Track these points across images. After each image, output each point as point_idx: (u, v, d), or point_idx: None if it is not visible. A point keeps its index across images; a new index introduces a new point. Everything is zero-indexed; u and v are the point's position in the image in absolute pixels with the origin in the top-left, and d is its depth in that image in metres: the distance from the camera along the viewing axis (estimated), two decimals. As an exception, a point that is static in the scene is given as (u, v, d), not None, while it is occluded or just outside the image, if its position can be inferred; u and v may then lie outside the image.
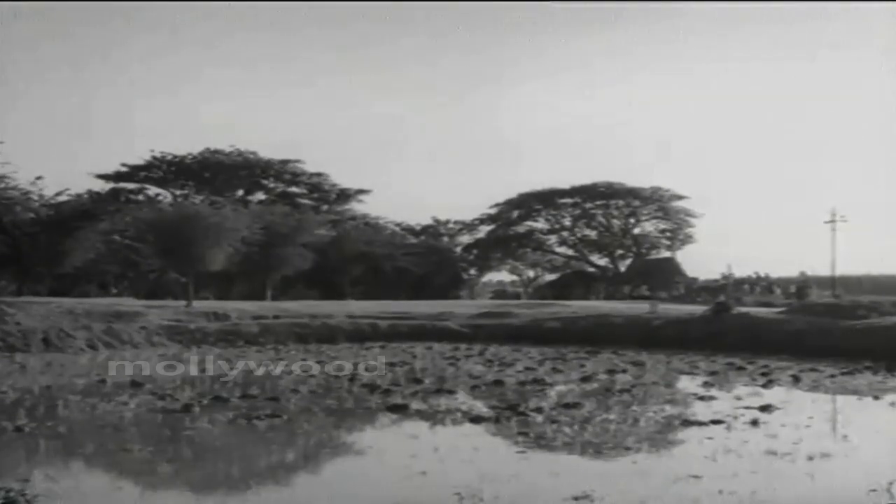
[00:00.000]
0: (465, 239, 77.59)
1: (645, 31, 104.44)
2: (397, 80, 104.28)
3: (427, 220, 75.87)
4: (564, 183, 74.41)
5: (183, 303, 36.30)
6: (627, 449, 11.51)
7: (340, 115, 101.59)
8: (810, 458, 10.69)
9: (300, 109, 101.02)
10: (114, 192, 63.62)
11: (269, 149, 69.79)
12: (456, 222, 76.97)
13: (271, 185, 70.09)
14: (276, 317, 33.42)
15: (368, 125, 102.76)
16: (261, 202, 64.51)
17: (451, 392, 16.90)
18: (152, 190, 66.46)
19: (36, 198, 43.38)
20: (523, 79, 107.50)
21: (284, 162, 69.03)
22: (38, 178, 42.86)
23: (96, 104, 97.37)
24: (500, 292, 73.65)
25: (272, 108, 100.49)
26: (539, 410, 14.39)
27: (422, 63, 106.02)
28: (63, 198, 45.77)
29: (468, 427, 13.22)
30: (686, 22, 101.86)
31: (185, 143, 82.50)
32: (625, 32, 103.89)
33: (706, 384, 18.73)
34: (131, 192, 65.23)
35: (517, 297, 64.11)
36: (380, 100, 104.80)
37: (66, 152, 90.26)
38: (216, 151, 67.31)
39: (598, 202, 75.03)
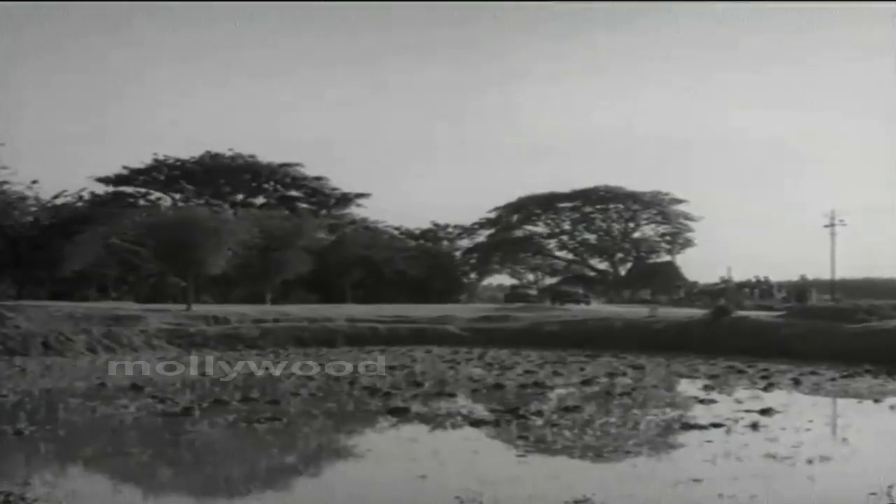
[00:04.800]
0: (465, 243, 77.72)
1: (648, 34, 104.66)
2: (396, 83, 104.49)
3: (426, 224, 76.00)
4: (564, 186, 74.63)
5: (183, 306, 36.27)
6: (627, 452, 11.50)
7: (340, 118, 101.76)
8: (810, 462, 10.68)
9: (300, 112, 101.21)
10: (115, 196, 63.63)
11: (268, 152, 70.08)
12: (455, 226, 77.04)
13: (271, 189, 70.13)
14: (275, 320, 33.40)
15: (368, 129, 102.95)
16: (261, 206, 64.52)
17: (451, 395, 16.90)
18: (154, 194, 66.55)
19: (33, 201, 43.26)
20: (524, 82, 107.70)
21: (285, 166, 69.10)
22: (34, 182, 42.77)
23: (97, 106, 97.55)
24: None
25: (272, 111, 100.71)
26: (539, 414, 14.39)
27: (422, 67, 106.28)
28: (62, 200, 45.59)
29: (468, 430, 13.20)
30: (685, 25, 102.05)
31: (184, 146, 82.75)
32: (628, 35, 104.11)
33: (706, 387, 18.72)
34: (131, 195, 65.25)
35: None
36: (379, 104, 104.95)
37: (66, 155, 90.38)
38: (216, 155, 67.36)
39: (598, 206, 75.16)
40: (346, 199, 71.45)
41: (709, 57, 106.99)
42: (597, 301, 58.74)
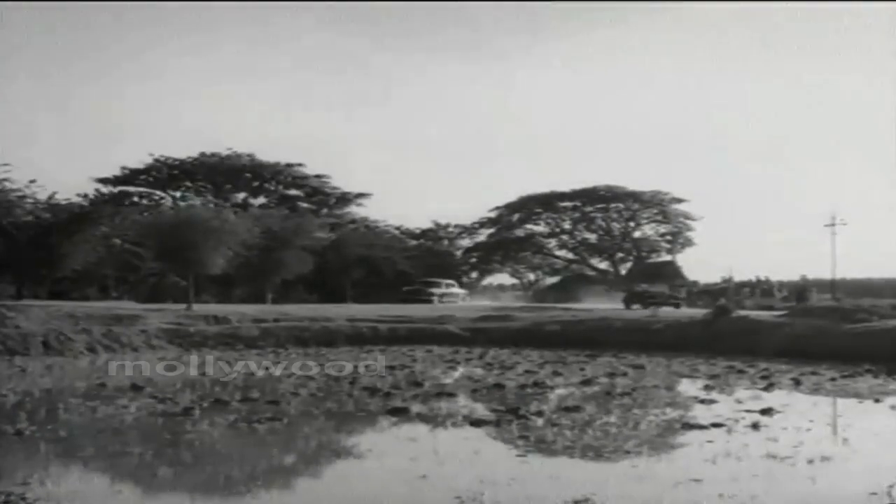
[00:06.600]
0: (466, 242, 77.78)
1: (646, 32, 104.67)
2: (395, 82, 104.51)
3: (427, 224, 76.00)
4: (565, 186, 74.64)
5: (183, 306, 36.25)
6: (627, 452, 11.50)
7: (340, 117, 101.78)
8: (810, 462, 10.68)
9: (300, 112, 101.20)
10: (117, 196, 63.62)
11: (268, 152, 70.00)
12: (456, 226, 77.05)
13: (272, 189, 70.14)
14: (276, 320, 33.37)
15: (368, 128, 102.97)
16: (261, 206, 64.57)
17: (451, 395, 16.89)
18: (154, 193, 66.57)
19: (31, 200, 43.24)
20: (524, 81, 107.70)
21: (286, 165, 69.12)
22: (32, 181, 42.74)
23: (97, 106, 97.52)
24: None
25: (272, 111, 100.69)
26: (539, 414, 14.38)
27: (421, 65, 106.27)
28: (54, 201, 45.50)
29: (468, 430, 13.20)
30: (684, 23, 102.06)
31: (183, 146, 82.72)
32: (626, 32, 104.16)
33: (706, 387, 18.71)
34: (132, 195, 65.26)
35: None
36: (378, 102, 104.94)
37: (66, 154, 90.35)
38: (213, 154, 67.35)
39: (598, 205, 75.10)
40: (346, 199, 71.48)
41: (709, 55, 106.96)
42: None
